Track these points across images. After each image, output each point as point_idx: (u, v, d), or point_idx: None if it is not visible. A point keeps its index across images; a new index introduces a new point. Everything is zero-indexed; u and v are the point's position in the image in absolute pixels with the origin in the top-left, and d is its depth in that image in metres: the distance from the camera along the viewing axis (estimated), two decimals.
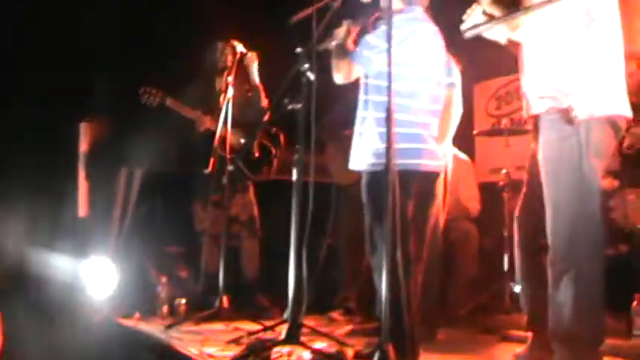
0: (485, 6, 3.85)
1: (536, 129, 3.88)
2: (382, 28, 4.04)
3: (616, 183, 5.61)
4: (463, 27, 3.80)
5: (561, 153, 3.66)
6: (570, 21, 3.65)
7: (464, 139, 5.30)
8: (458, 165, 5.18)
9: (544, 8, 3.55)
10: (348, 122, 4.38)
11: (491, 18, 3.85)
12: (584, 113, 3.60)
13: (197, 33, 6.60)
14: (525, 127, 4.16)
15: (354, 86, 4.29)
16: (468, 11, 3.92)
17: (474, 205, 6.35)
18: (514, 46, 4.05)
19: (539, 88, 3.78)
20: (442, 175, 4.68)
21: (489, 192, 6.60)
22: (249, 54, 6.07)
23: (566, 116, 3.59)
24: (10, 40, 6.31)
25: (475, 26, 3.74)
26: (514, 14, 3.71)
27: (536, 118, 3.85)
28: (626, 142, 5.79)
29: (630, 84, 5.76)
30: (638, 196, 5.32)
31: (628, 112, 3.79)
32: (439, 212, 4.88)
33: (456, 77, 5.10)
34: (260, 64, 6.19)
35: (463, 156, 6.13)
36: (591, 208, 3.64)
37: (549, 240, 3.72)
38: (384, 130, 3.50)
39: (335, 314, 5.78)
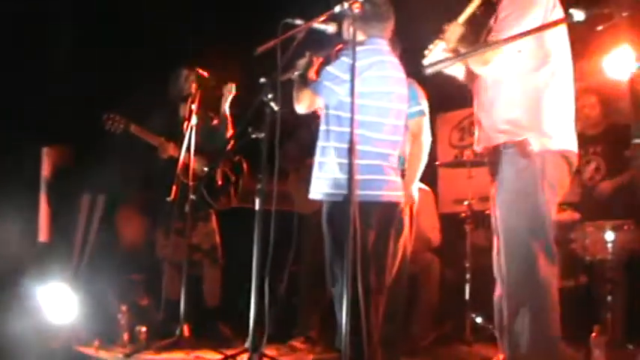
0: (451, 43, 3.89)
1: (492, 161, 3.93)
2: (343, 59, 4.08)
3: (576, 215, 5.69)
4: (425, 62, 3.85)
5: (518, 185, 3.72)
6: (527, 58, 3.72)
7: (427, 170, 5.33)
8: (419, 195, 5.21)
9: (507, 45, 3.61)
10: (311, 151, 4.39)
11: (454, 53, 3.90)
12: (540, 147, 3.66)
13: (162, 59, 6.60)
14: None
15: (317, 114, 4.32)
16: (430, 46, 3.97)
17: (435, 235, 6.36)
18: (470, 81, 4.10)
19: (496, 121, 3.83)
20: (408, 206, 4.72)
21: (452, 223, 6.64)
22: (228, 85, 6.09)
23: (523, 149, 3.66)
24: None
25: (437, 62, 3.79)
26: (478, 51, 3.76)
27: (491, 151, 3.90)
28: (587, 175, 5.88)
29: (591, 116, 5.90)
30: (597, 229, 5.39)
31: (576, 148, 3.86)
32: (407, 243, 4.90)
33: (424, 105, 5.14)
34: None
35: (423, 186, 6.16)
36: (545, 239, 3.68)
37: (503, 271, 3.75)
38: (344, 160, 3.53)
39: (296, 342, 5.75)
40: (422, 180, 5.45)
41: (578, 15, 2.75)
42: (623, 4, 2.64)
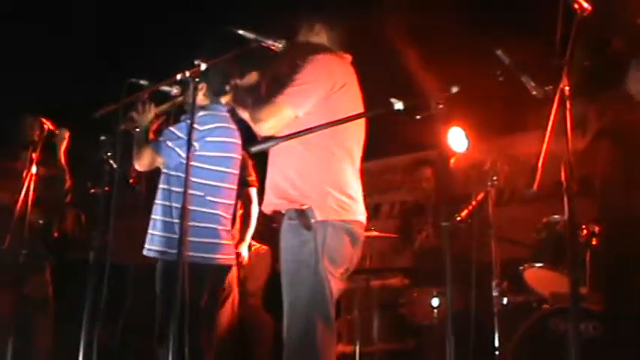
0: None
1: (277, 226, 3.86)
2: (187, 121, 4.15)
3: (406, 281, 5.91)
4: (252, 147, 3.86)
5: (300, 257, 3.67)
6: (311, 124, 3.64)
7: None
8: (254, 254, 5.32)
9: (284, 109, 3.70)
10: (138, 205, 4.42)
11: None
12: (322, 216, 3.65)
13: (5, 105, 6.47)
14: None
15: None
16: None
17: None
18: None
19: (278, 184, 3.81)
20: (235, 268, 4.81)
21: None
22: (60, 131, 5.92)
23: (305, 221, 3.63)
24: None
25: (262, 141, 3.82)
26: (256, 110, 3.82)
27: (276, 215, 3.84)
28: (418, 243, 6.13)
29: (426, 188, 6.15)
30: (424, 294, 5.60)
31: (363, 219, 3.86)
32: (235, 303, 4.98)
33: (253, 177, 5.27)
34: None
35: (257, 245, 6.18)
36: (325, 308, 3.65)
37: (284, 338, 3.67)
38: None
39: None
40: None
41: (398, 104, 2.90)
42: (435, 96, 2.78)
